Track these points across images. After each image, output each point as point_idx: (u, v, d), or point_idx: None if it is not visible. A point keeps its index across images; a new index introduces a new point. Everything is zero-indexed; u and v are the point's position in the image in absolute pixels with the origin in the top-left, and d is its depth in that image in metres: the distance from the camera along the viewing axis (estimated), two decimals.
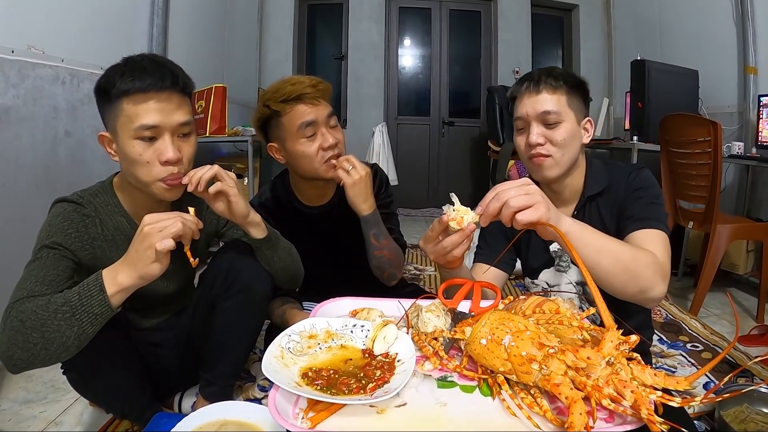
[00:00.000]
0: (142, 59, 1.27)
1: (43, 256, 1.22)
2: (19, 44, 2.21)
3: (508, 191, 1.01)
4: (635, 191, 1.41)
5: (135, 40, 3.23)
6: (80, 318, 1.10)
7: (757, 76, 3.77)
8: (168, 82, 1.25)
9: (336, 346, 0.98)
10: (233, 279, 1.48)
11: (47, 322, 1.08)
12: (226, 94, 3.86)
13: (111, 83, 1.22)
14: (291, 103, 1.67)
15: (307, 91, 1.66)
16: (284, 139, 1.72)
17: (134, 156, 1.25)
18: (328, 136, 1.70)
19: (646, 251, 1.21)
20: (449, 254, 1.11)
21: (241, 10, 5.44)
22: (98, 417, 1.74)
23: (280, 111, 1.68)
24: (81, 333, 1.11)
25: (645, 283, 1.16)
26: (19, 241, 2.07)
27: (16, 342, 1.07)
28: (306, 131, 1.68)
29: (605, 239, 1.14)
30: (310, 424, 0.75)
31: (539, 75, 1.43)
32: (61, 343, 1.09)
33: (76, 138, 2.55)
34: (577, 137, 1.44)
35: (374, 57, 6.30)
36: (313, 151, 1.69)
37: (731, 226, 2.86)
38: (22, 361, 1.09)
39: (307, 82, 1.67)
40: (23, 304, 1.11)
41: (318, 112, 1.68)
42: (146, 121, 1.23)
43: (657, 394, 0.74)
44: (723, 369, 2.14)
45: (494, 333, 0.86)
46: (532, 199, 1.01)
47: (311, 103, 1.67)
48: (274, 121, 1.72)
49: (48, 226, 1.28)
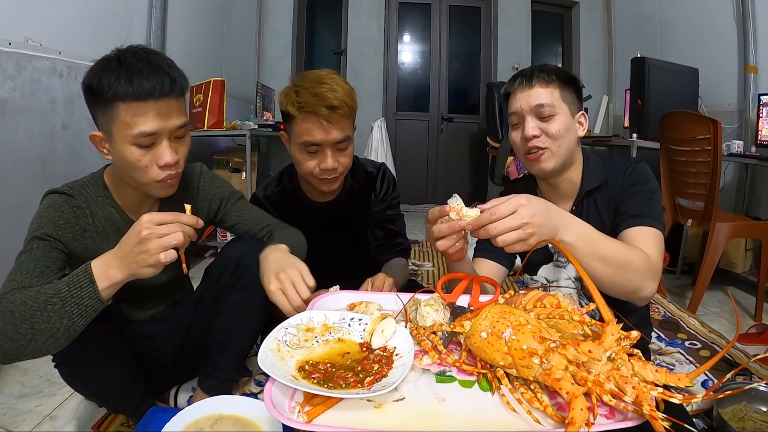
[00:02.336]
0: (136, 59, 1.21)
1: (33, 248, 1.22)
2: (17, 36, 2.20)
3: (498, 226, 0.98)
4: (631, 186, 1.41)
5: (133, 33, 3.21)
6: (70, 310, 1.09)
7: (757, 74, 3.77)
8: (167, 88, 1.21)
9: (333, 340, 0.97)
10: (242, 273, 1.46)
11: (37, 314, 1.07)
12: (225, 87, 3.85)
13: (104, 86, 1.18)
14: (304, 114, 1.58)
15: (320, 112, 1.55)
16: (291, 137, 1.67)
17: (132, 161, 1.23)
18: (329, 160, 1.62)
19: (640, 252, 1.21)
20: (435, 243, 1.10)
21: (241, 4, 5.42)
22: (93, 411, 1.74)
23: (294, 116, 1.60)
24: (71, 325, 1.10)
25: (635, 285, 1.18)
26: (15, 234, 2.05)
27: (6, 332, 1.06)
28: (309, 148, 1.62)
29: (599, 244, 1.14)
30: (306, 418, 0.74)
31: (531, 70, 1.44)
32: (51, 335, 1.08)
33: (73, 131, 2.54)
34: (572, 130, 1.44)
35: (374, 52, 6.28)
36: (312, 165, 1.64)
37: (730, 225, 2.85)
38: (12, 352, 1.08)
39: (328, 101, 1.54)
40: (13, 295, 1.10)
41: (327, 136, 1.59)
42: (145, 129, 1.20)
43: (658, 391, 0.73)
44: (721, 367, 2.13)
45: (495, 326, 0.85)
46: (524, 233, 0.99)
47: (323, 125, 1.58)
48: (289, 120, 1.65)
49: (39, 218, 1.27)
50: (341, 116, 1.58)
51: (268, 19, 6.18)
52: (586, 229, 1.13)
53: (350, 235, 1.91)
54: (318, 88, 1.55)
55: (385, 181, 1.91)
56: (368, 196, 1.92)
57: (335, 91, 1.56)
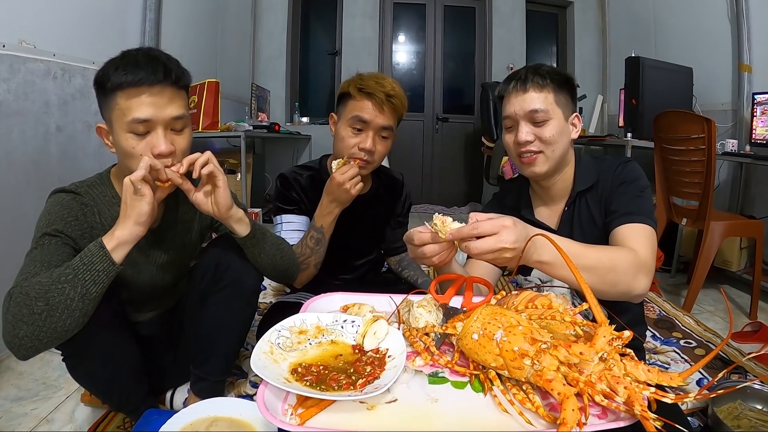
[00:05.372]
0: (137, 53, 1.28)
1: (45, 243, 1.23)
2: (11, 39, 2.19)
3: (479, 246, 0.99)
4: (621, 185, 1.42)
5: (127, 35, 3.20)
6: (83, 277, 1.12)
7: (751, 73, 3.79)
8: (160, 75, 1.25)
9: (326, 342, 0.97)
10: (222, 273, 1.48)
11: (51, 288, 1.09)
12: (219, 89, 3.85)
13: (106, 76, 1.24)
14: (362, 95, 1.78)
15: (378, 95, 1.75)
16: (341, 117, 1.86)
17: (128, 149, 1.26)
18: (369, 141, 1.79)
19: (626, 251, 1.22)
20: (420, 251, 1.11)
21: (235, 5, 5.41)
22: (90, 414, 1.73)
23: (353, 95, 1.79)
24: (84, 293, 1.12)
25: (625, 287, 1.18)
26: (9, 237, 2.06)
27: (21, 317, 1.07)
28: (356, 124, 1.79)
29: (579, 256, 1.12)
30: (299, 421, 0.74)
31: (526, 73, 1.44)
32: (66, 307, 1.10)
33: (67, 133, 2.53)
34: (566, 133, 1.45)
35: (368, 53, 6.28)
36: (351, 143, 1.80)
37: (725, 223, 2.87)
38: (28, 338, 1.09)
39: (387, 89, 1.77)
40: (27, 281, 1.12)
41: (376, 117, 1.78)
42: (138, 115, 1.23)
43: (650, 390, 0.73)
44: (716, 365, 2.14)
45: (486, 328, 0.85)
46: (500, 255, 1.00)
47: (376, 107, 1.77)
48: (345, 100, 1.84)
49: (47, 215, 1.29)
50: (392, 108, 1.80)
51: (263, 21, 6.17)
52: (564, 243, 1.12)
53: (365, 234, 2.05)
54: (381, 80, 1.80)
55: (406, 194, 2.16)
56: (391, 200, 2.15)
57: (395, 88, 1.80)
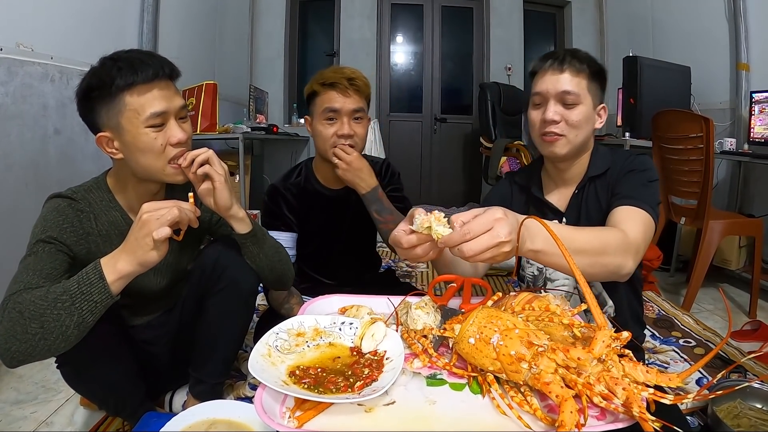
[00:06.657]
0: (130, 54, 1.29)
1: (38, 251, 1.22)
2: (8, 42, 2.19)
3: (474, 247, 0.89)
4: (629, 172, 1.44)
5: (124, 37, 3.20)
6: (80, 306, 1.11)
7: (749, 72, 3.79)
8: (167, 70, 1.31)
9: (324, 344, 0.97)
10: (219, 274, 1.48)
11: (46, 312, 1.08)
12: (217, 91, 3.84)
13: (109, 80, 1.24)
14: (326, 88, 1.85)
15: (341, 82, 1.83)
16: (313, 116, 1.91)
17: (149, 143, 1.29)
18: (346, 126, 1.85)
19: (615, 232, 1.22)
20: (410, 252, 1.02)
21: (233, 7, 5.40)
22: (89, 417, 1.73)
23: (318, 92, 1.87)
24: (81, 322, 1.11)
25: (614, 266, 1.18)
26: (8, 239, 2.05)
27: (15, 334, 1.06)
28: (328, 114, 1.85)
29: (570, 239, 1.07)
30: (297, 423, 0.74)
31: (564, 55, 1.46)
32: (61, 333, 1.09)
33: (65, 136, 2.53)
34: (591, 121, 1.47)
35: (366, 54, 6.26)
36: (329, 134, 1.86)
37: (723, 222, 2.87)
38: (20, 354, 1.08)
39: (346, 74, 1.85)
40: (20, 296, 1.11)
41: (345, 103, 1.84)
42: (155, 109, 1.27)
43: (649, 391, 0.73)
44: (716, 365, 2.14)
45: (482, 332, 0.85)
46: (497, 251, 0.91)
47: (342, 93, 1.84)
48: (313, 98, 1.90)
49: (43, 221, 1.28)
50: (357, 90, 1.86)
51: (261, 21, 6.15)
52: (555, 227, 1.10)
53: (357, 223, 2.06)
54: (339, 69, 1.88)
55: (389, 171, 2.15)
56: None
57: (354, 72, 1.87)
